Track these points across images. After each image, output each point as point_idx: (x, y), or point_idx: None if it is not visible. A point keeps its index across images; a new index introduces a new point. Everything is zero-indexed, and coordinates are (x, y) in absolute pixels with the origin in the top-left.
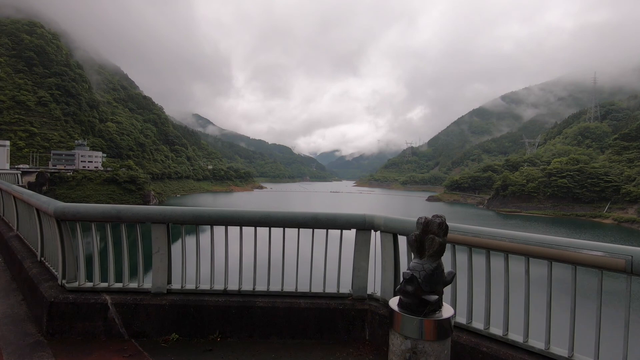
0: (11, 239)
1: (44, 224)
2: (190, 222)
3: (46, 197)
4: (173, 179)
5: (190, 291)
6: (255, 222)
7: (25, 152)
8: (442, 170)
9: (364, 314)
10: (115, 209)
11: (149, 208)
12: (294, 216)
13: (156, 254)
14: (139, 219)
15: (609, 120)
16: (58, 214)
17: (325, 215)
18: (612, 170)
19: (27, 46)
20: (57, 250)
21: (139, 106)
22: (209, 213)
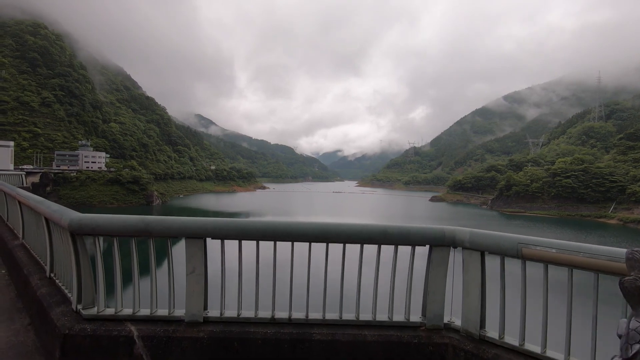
0: (16, 248)
1: (55, 236)
2: (232, 236)
3: (57, 205)
4: (176, 179)
5: (231, 319)
6: (311, 237)
7: (29, 153)
8: (445, 171)
9: (444, 349)
10: (143, 222)
11: (183, 220)
12: (359, 230)
13: (191, 274)
14: (171, 232)
15: (614, 119)
16: (73, 227)
17: (396, 228)
18: (617, 170)
19: (31, 47)
20: (71, 269)
21: (142, 107)
22: (255, 226)
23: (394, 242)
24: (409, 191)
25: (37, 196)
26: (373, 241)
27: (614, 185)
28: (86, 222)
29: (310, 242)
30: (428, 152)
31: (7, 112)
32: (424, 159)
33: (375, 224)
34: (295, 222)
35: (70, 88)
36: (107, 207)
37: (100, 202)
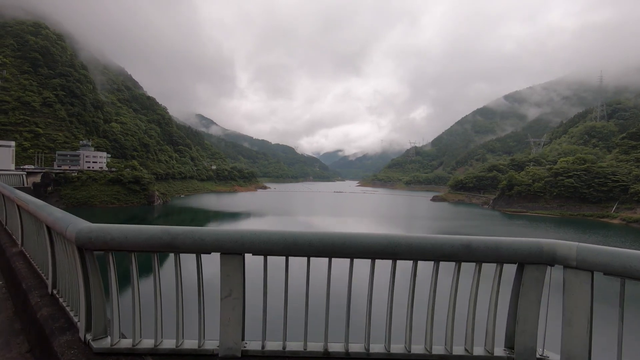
0: (15, 257)
1: (58, 247)
2: (278, 251)
3: (61, 212)
4: (177, 179)
5: (275, 354)
6: (377, 252)
7: (31, 153)
8: (446, 170)
9: None
10: (168, 234)
11: (217, 232)
12: (437, 244)
13: (226, 298)
14: (203, 247)
15: (616, 119)
16: (82, 241)
17: (482, 242)
18: (619, 169)
19: (32, 47)
20: (77, 287)
21: (143, 106)
22: (308, 239)
23: (477, 259)
24: (410, 191)
25: (39, 200)
26: (454, 257)
27: (617, 184)
28: (97, 234)
29: (374, 259)
30: (429, 152)
31: (9, 112)
32: (425, 159)
33: (455, 236)
34: (357, 235)
35: (71, 88)
36: (108, 207)
37: (102, 202)
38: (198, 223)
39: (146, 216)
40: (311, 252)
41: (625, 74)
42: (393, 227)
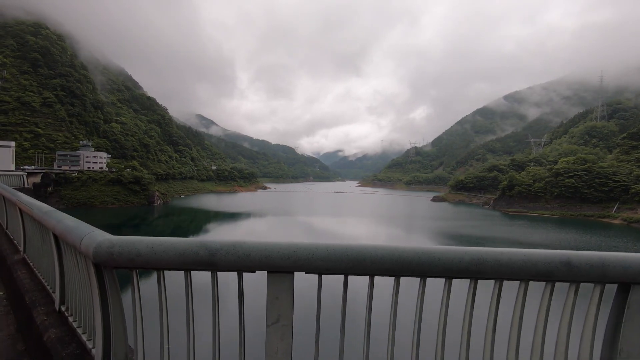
0: (16, 265)
1: (68, 259)
2: (338, 269)
3: (73, 220)
4: (177, 179)
5: None
6: (456, 271)
7: (31, 153)
8: (447, 170)
9: None
10: (205, 248)
11: (266, 246)
12: (530, 260)
13: (273, 325)
14: (247, 264)
15: (616, 119)
16: (101, 258)
17: (584, 259)
18: (620, 169)
19: (32, 47)
20: (92, 310)
21: (143, 107)
22: (373, 254)
23: (577, 278)
24: (411, 191)
25: (44, 205)
26: (548, 277)
27: (617, 185)
28: (120, 250)
29: (451, 279)
30: (429, 152)
31: (9, 112)
32: (425, 159)
33: (551, 250)
34: (431, 250)
35: (71, 88)
36: (108, 208)
37: (102, 202)
38: (198, 223)
39: (146, 216)
40: (375, 269)
41: (626, 73)
42: (395, 228)
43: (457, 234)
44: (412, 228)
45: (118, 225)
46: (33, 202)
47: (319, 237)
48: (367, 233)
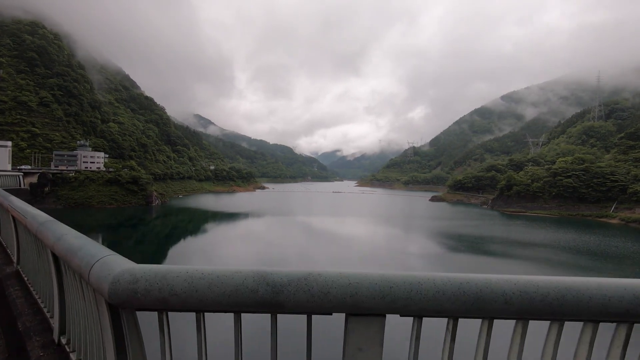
0: (8, 279)
1: (70, 284)
2: (453, 310)
3: (77, 235)
4: (175, 179)
5: None
6: (535, 311)
7: (27, 153)
8: (445, 170)
9: None
10: (266, 284)
11: (351, 278)
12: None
13: None
14: (323, 304)
15: (614, 119)
16: (120, 298)
17: None
18: (618, 169)
19: (29, 47)
20: (102, 352)
21: (141, 106)
22: (500, 287)
23: None
24: (409, 191)
25: (40, 213)
26: None
27: (615, 184)
28: (148, 286)
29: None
30: (427, 152)
31: (5, 112)
32: (424, 159)
33: None
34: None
35: (68, 88)
36: (106, 208)
37: (99, 202)
38: (196, 224)
39: (144, 217)
40: (499, 311)
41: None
42: (394, 228)
43: (457, 233)
44: (412, 228)
45: (116, 226)
46: (27, 210)
47: (320, 238)
48: (368, 233)
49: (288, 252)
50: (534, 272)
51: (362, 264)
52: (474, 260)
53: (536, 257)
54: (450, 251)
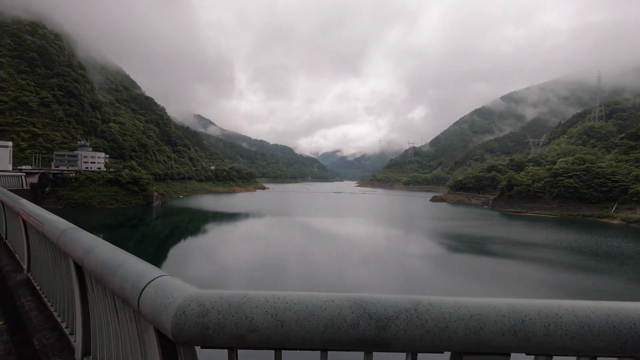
0: (19, 288)
1: (96, 300)
2: (578, 349)
3: (109, 247)
4: (176, 179)
5: None
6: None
7: (28, 153)
8: (445, 170)
9: None
10: (370, 316)
11: (473, 308)
12: None
13: None
14: (437, 342)
15: (614, 119)
16: (186, 335)
17: None
18: (619, 169)
19: (29, 47)
20: None
21: (141, 107)
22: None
23: None
24: (409, 191)
25: (59, 218)
26: None
27: (616, 185)
28: (221, 321)
29: None
30: (427, 152)
31: (6, 112)
32: (424, 159)
33: None
34: None
35: (69, 88)
36: (106, 208)
37: (100, 202)
38: (196, 224)
39: (145, 217)
40: None
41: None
42: (396, 228)
43: (458, 234)
44: (414, 228)
45: (116, 226)
46: (44, 216)
47: (321, 238)
48: (369, 234)
49: (289, 252)
50: (539, 273)
51: (364, 265)
52: (477, 262)
53: (540, 257)
54: (453, 252)
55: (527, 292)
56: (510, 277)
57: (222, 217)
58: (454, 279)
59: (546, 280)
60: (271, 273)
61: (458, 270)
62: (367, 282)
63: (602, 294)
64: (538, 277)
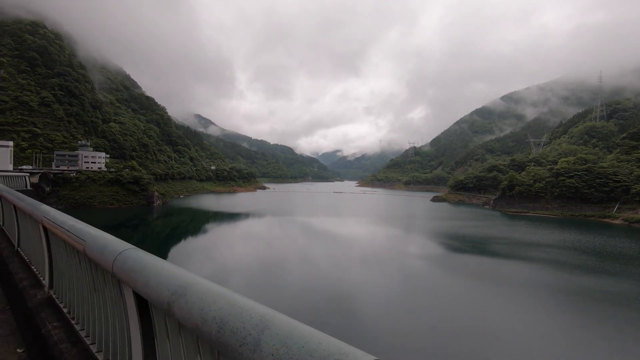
0: (41, 310)
1: (159, 322)
2: None
3: (162, 263)
4: (176, 179)
5: None
6: None
7: (28, 153)
8: (445, 170)
9: None
10: None
11: None
12: None
13: None
14: None
15: (615, 119)
16: None
17: None
18: (621, 169)
19: (30, 46)
20: None
21: (142, 106)
22: None
23: None
24: (410, 191)
25: (114, 238)
26: None
27: (618, 185)
28: None
29: None
30: (428, 152)
31: (6, 112)
32: (424, 159)
33: None
34: None
35: (69, 88)
36: (107, 208)
37: (101, 202)
38: (197, 224)
39: (146, 217)
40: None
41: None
42: (397, 228)
43: (460, 234)
44: (416, 228)
45: (117, 226)
46: (87, 231)
47: (321, 238)
48: (370, 234)
49: (289, 252)
50: (542, 273)
51: (365, 265)
52: (480, 262)
53: (543, 258)
54: (455, 252)
55: (530, 293)
56: (513, 277)
57: (223, 217)
58: (456, 279)
59: (550, 281)
60: (271, 273)
61: (460, 271)
62: (368, 282)
63: (607, 294)
64: (541, 278)
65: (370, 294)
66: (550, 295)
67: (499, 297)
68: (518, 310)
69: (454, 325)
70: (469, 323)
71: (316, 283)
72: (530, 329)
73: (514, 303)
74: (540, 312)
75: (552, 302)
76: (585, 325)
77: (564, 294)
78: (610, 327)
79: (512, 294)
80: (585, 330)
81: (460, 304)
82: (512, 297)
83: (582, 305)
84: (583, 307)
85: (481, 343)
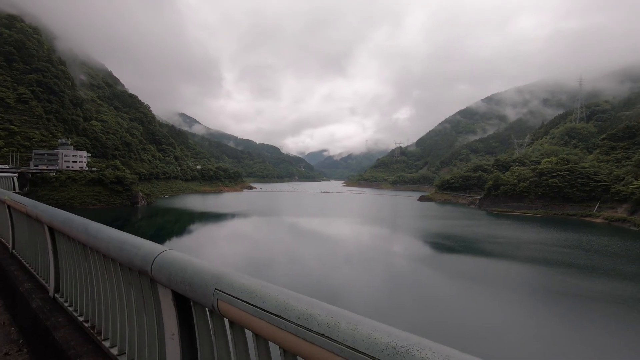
0: (51, 315)
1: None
2: None
3: None
4: (161, 179)
5: None
6: None
7: (5, 152)
8: (431, 170)
9: None
10: None
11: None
12: None
13: None
14: None
15: (595, 120)
16: None
17: None
18: (601, 170)
19: (6, 40)
20: None
21: (125, 104)
22: None
23: None
24: (396, 191)
25: (111, 230)
26: None
27: (598, 184)
28: None
29: None
30: (414, 152)
31: None
32: (410, 159)
33: None
34: None
35: (48, 84)
36: (89, 209)
37: (82, 203)
38: (182, 225)
39: (130, 218)
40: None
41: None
42: (386, 228)
43: (447, 233)
44: (404, 228)
45: None
46: (125, 239)
47: (308, 238)
48: (358, 234)
49: (276, 252)
50: (527, 271)
51: (351, 264)
52: (467, 260)
53: (529, 256)
54: (443, 251)
55: (516, 291)
56: (500, 275)
57: (209, 218)
58: (443, 278)
59: (535, 278)
60: (258, 273)
61: (447, 270)
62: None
63: (591, 291)
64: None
65: (357, 293)
66: (536, 292)
67: (486, 294)
68: (504, 308)
69: (440, 323)
70: (455, 321)
71: (303, 283)
72: (516, 326)
73: (501, 300)
74: (527, 309)
75: (538, 299)
76: (572, 321)
77: (549, 291)
78: (596, 323)
79: (499, 291)
80: (571, 327)
81: (447, 302)
82: (498, 294)
83: (567, 302)
84: (568, 304)
85: (469, 341)
